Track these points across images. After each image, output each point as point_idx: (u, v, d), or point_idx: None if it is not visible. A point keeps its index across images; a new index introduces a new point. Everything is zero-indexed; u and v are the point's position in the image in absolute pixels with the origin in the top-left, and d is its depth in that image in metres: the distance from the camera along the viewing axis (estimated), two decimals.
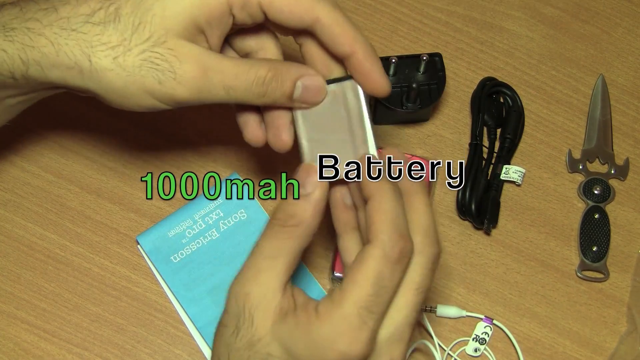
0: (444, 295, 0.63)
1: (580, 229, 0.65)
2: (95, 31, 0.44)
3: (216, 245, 0.62)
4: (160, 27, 0.44)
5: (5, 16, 0.45)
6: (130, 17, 0.44)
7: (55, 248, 0.62)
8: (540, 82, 0.70)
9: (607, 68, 0.71)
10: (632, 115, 0.70)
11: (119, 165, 0.65)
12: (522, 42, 0.72)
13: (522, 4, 0.73)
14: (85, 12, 0.45)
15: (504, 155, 0.66)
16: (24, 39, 0.44)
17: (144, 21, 0.44)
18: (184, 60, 0.45)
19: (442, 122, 0.69)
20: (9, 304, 0.61)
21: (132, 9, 0.45)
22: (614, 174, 0.67)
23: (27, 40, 0.44)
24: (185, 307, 0.60)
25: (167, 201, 0.64)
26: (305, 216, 0.44)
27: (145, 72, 0.44)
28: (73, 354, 0.60)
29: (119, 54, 0.44)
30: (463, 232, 0.65)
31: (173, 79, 0.45)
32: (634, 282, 0.64)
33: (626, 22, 0.73)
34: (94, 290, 0.61)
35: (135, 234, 0.62)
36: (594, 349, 0.62)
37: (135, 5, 0.45)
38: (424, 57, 0.64)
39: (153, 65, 0.44)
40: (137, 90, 0.45)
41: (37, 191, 0.64)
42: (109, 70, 0.44)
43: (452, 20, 0.72)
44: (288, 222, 0.44)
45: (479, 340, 0.62)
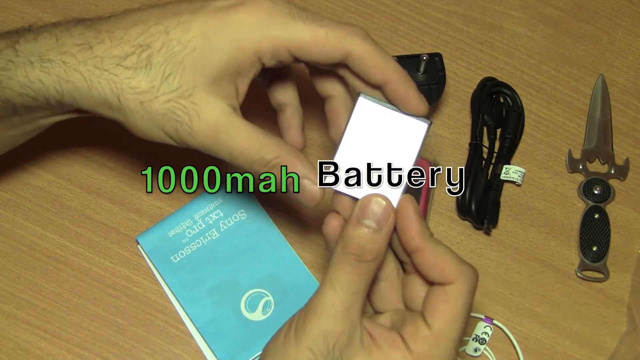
0: None
1: (580, 229, 0.65)
2: (126, 74, 0.46)
3: (216, 245, 0.62)
4: (189, 80, 0.47)
5: (42, 46, 0.47)
6: (162, 66, 0.46)
7: (55, 248, 0.62)
8: (540, 82, 0.70)
9: (607, 68, 0.71)
10: (632, 115, 0.70)
11: (119, 165, 0.65)
12: (522, 42, 0.72)
13: (522, 4, 0.73)
14: (118, 54, 0.47)
15: (504, 155, 0.66)
16: (60, 72, 0.47)
17: (174, 72, 0.47)
18: (203, 117, 0.47)
19: (442, 122, 0.69)
20: (9, 304, 0.61)
21: (164, 58, 0.46)
22: (614, 174, 0.67)
23: (62, 73, 0.47)
24: (185, 307, 0.60)
25: (167, 201, 0.64)
26: (381, 250, 0.44)
27: (166, 120, 0.47)
28: (73, 354, 0.60)
29: (145, 99, 0.47)
30: (463, 232, 0.65)
31: (189, 132, 0.47)
32: (634, 282, 0.64)
33: (626, 22, 0.73)
34: (94, 290, 0.61)
35: (135, 234, 0.62)
36: (594, 349, 0.62)
37: (168, 56, 0.46)
38: (424, 57, 0.64)
39: (175, 115, 0.47)
40: (157, 130, 0.48)
41: (37, 191, 0.64)
42: (135, 111, 0.47)
43: (452, 20, 0.72)
44: (365, 258, 0.44)
45: (479, 340, 0.62)
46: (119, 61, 0.47)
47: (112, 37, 0.47)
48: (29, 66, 0.47)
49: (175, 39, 0.46)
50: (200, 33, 0.46)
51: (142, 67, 0.46)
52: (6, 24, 0.69)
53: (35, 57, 0.47)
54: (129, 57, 0.47)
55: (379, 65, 0.47)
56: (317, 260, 0.63)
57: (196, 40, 0.46)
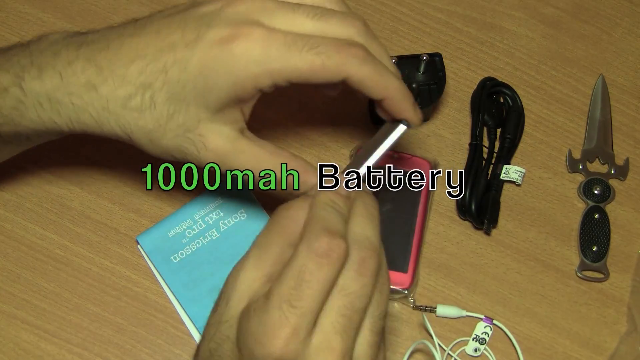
0: (444, 295, 0.63)
1: (580, 229, 0.65)
2: (133, 115, 0.48)
3: (216, 245, 0.62)
4: (194, 115, 0.48)
5: (48, 84, 0.48)
6: (165, 105, 0.47)
7: (55, 248, 0.62)
8: (540, 82, 0.70)
9: (607, 68, 0.71)
10: (632, 115, 0.70)
11: (119, 165, 0.65)
12: (522, 42, 0.72)
13: (522, 4, 0.73)
14: (122, 95, 0.48)
15: (504, 155, 0.66)
16: (70, 113, 0.49)
17: (178, 110, 0.48)
18: (209, 146, 0.49)
19: (442, 122, 0.69)
20: (9, 304, 0.61)
21: (166, 97, 0.47)
22: (614, 174, 0.67)
23: (72, 115, 0.49)
24: (185, 307, 0.60)
25: (167, 201, 0.64)
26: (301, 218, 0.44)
27: (176, 151, 0.49)
28: (73, 354, 0.60)
29: (154, 137, 0.48)
30: (463, 232, 0.65)
31: (197, 159, 0.49)
32: (634, 282, 0.64)
33: (626, 22, 0.73)
34: (94, 290, 0.61)
35: (135, 234, 0.62)
36: (594, 349, 0.62)
37: (170, 95, 0.47)
38: (424, 57, 0.64)
39: (183, 147, 0.49)
40: (167, 156, 0.50)
41: (37, 191, 0.64)
42: (145, 145, 0.49)
43: (452, 20, 0.72)
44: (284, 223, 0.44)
45: (479, 340, 0.62)
46: (125, 102, 0.48)
47: (114, 75, 0.48)
48: (39, 107, 0.49)
49: (175, 79, 0.47)
50: (198, 72, 0.47)
51: (146, 108, 0.48)
52: (6, 24, 0.69)
53: (44, 99, 0.48)
54: (133, 98, 0.47)
55: (378, 86, 0.48)
56: None
57: (195, 79, 0.47)
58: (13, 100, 0.49)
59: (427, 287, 0.63)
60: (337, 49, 0.46)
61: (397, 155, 0.64)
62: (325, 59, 0.46)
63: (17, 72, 0.49)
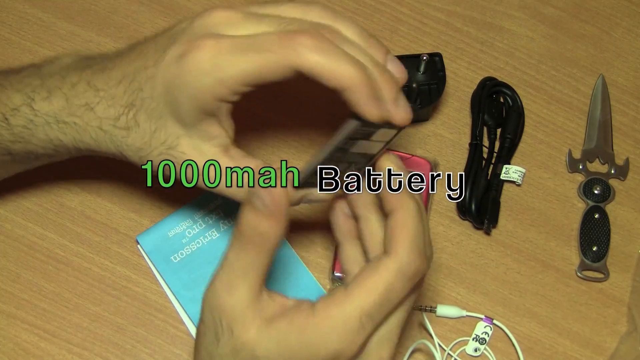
0: (444, 295, 0.63)
1: (580, 229, 0.65)
2: (122, 134, 0.50)
3: (216, 245, 0.62)
4: (173, 132, 0.49)
5: (55, 106, 0.50)
6: (147, 123, 0.49)
7: (55, 248, 0.62)
8: (540, 82, 0.71)
9: (607, 68, 0.71)
10: (632, 115, 0.70)
11: (119, 166, 0.65)
12: (522, 42, 0.72)
13: (522, 4, 0.73)
14: (113, 114, 0.49)
15: (504, 155, 0.66)
16: (74, 133, 0.50)
17: (159, 127, 0.49)
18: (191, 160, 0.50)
19: (442, 122, 0.69)
20: (9, 304, 0.61)
21: (146, 116, 0.49)
22: (614, 174, 0.67)
23: (75, 134, 0.50)
24: (185, 307, 0.60)
25: (167, 201, 0.64)
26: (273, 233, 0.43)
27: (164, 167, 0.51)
28: (73, 354, 0.60)
29: (142, 154, 0.50)
30: (463, 232, 0.65)
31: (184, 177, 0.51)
32: (634, 282, 0.64)
33: (626, 22, 0.73)
34: (94, 290, 0.62)
35: (135, 234, 0.62)
36: (594, 349, 0.62)
37: (148, 113, 0.48)
38: (424, 57, 0.64)
39: (169, 162, 0.50)
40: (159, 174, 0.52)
41: (37, 191, 0.64)
42: (137, 162, 0.51)
43: (452, 20, 0.72)
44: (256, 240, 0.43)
45: (479, 340, 0.62)
46: (114, 122, 0.49)
47: (107, 95, 0.49)
48: (47, 127, 0.50)
49: (148, 97, 0.48)
50: (165, 89, 0.47)
51: (132, 127, 0.49)
52: (6, 24, 0.69)
53: (52, 119, 0.50)
54: (120, 117, 0.49)
55: (329, 75, 0.43)
56: (318, 260, 0.63)
57: (164, 96, 0.47)
58: (24, 120, 0.50)
59: (427, 287, 0.63)
60: (280, 42, 0.43)
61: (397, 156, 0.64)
62: (269, 55, 0.43)
63: (29, 92, 0.50)
